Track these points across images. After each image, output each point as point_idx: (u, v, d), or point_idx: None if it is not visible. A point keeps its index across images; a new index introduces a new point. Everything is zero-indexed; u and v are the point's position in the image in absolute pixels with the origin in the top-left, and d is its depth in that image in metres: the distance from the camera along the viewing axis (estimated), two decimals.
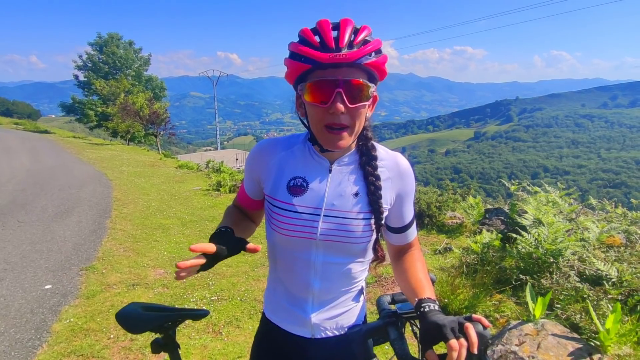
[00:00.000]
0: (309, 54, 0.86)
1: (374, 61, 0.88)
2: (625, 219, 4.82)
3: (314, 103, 0.90)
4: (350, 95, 0.88)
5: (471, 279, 3.30)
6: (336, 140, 0.93)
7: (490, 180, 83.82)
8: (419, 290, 0.96)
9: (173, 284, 3.90)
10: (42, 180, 9.13)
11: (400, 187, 1.06)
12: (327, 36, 0.86)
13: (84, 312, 3.29)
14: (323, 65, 0.86)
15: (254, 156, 1.10)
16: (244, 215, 1.20)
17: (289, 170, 1.04)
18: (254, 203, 1.16)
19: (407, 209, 1.09)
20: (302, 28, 0.90)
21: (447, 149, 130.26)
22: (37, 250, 4.66)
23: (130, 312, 1.12)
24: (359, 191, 1.02)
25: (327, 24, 0.88)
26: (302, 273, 1.05)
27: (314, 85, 0.89)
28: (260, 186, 1.11)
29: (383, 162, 1.05)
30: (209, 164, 13.84)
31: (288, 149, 1.06)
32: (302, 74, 0.91)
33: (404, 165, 1.07)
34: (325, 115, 0.90)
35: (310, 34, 0.89)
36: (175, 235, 5.66)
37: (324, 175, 1.03)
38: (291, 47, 0.91)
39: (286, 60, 0.93)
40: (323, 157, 1.03)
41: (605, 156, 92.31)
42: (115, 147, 21.29)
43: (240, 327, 3.13)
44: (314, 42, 0.87)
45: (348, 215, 1.00)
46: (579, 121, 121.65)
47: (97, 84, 28.49)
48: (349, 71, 0.87)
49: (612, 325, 2.28)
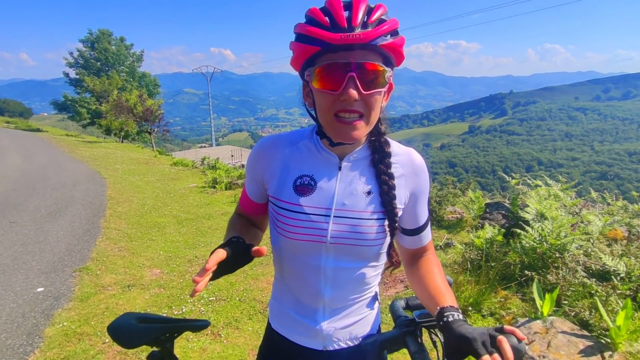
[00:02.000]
0: (318, 35, 0.76)
1: (390, 42, 0.78)
2: (627, 211, 4.79)
3: (324, 89, 0.80)
4: (364, 81, 0.78)
5: (475, 276, 3.23)
6: (349, 130, 0.82)
7: (485, 174, 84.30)
8: (439, 298, 0.87)
9: (170, 285, 3.81)
10: (34, 180, 8.95)
11: (415, 185, 0.98)
12: (339, 15, 0.76)
13: (77, 315, 3.19)
14: (334, 47, 0.76)
15: (255, 155, 1.00)
16: (249, 223, 1.11)
17: (295, 168, 0.95)
18: (258, 208, 1.07)
19: (421, 209, 1.01)
20: (310, 8, 0.80)
21: (442, 143, 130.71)
22: (29, 252, 4.54)
23: (124, 324, 1.02)
24: (371, 190, 0.93)
25: (338, 2, 0.78)
26: (311, 280, 0.97)
27: (324, 69, 0.79)
28: (264, 188, 1.01)
29: (396, 157, 0.96)
30: (204, 160, 13.69)
31: (293, 145, 0.97)
32: (310, 57, 0.81)
33: (419, 161, 0.98)
34: (336, 102, 0.80)
35: (319, 13, 0.78)
36: (171, 234, 5.55)
37: (333, 173, 0.93)
38: (297, 28, 0.81)
39: (292, 44, 0.83)
40: (332, 152, 0.93)
41: (599, 148, 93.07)
42: (108, 145, 21.02)
43: (239, 328, 3.04)
44: (323, 22, 0.77)
45: (360, 216, 0.91)
46: (573, 114, 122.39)
47: (89, 80, 28.12)
48: (362, 54, 0.77)
49: (623, 322, 2.23)
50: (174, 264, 4.36)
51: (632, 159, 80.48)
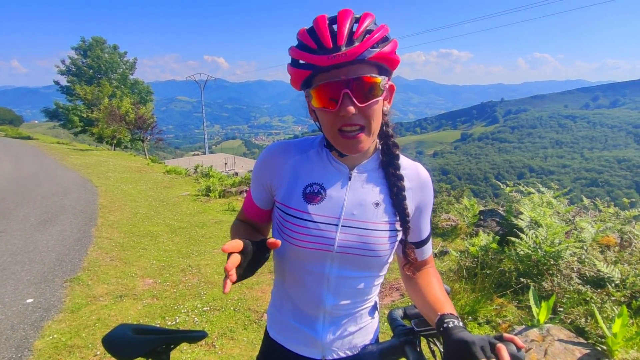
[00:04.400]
0: (307, 59, 0.80)
1: (379, 52, 0.79)
2: (618, 218, 4.83)
3: (322, 108, 0.83)
4: (359, 94, 0.79)
5: (471, 283, 3.23)
6: (354, 144, 0.85)
7: (478, 181, 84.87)
8: (438, 307, 0.88)
9: (163, 295, 3.75)
10: (24, 188, 8.82)
11: (421, 199, 0.99)
12: (324, 36, 0.78)
13: (68, 327, 3.12)
14: (324, 69, 0.78)
15: (264, 161, 1.00)
16: (253, 229, 1.09)
17: (305, 175, 0.95)
18: (263, 214, 1.06)
19: (424, 223, 1.03)
20: (300, 30, 0.83)
21: (435, 150, 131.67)
22: (18, 262, 4.45)
23: (119, 335, 1.01)
24: (381, 200, 0.94)
25: (323, 20, 0.80)
26: (313, 288, 0.96)
27: (319, 89, 0.81)
28: (271, 194, 1.01)
29: (404, 171, 0.97)
30: (198, 168, 13.63)
31: (303, 153, 0.98)
32: (306, 79, 0.84)
33: (425, 175, 1.01)
34: (336, 119, 0.82)
35: (306, 36, 0.81)
36: (165, 243, 5.48)
37: (344, 183, 0.94)
38: (290, 52, 0.84)
39: (288, 66, 0.86)
40: (342, 162, 0.95)
41: (589, 156, 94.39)
42: (100, 153, 20.84)
43: (234, 338, 3.00)
44: (311, 45, 0.80)
45: (369, 227, 0.92)
46: (563, 122, 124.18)
47: (79, 89, 27.89)
48: (354, 69, 0.79)
49: (620, 329, 2.23)
50: (167, 274, 4.30)
51: (621, 166, 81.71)
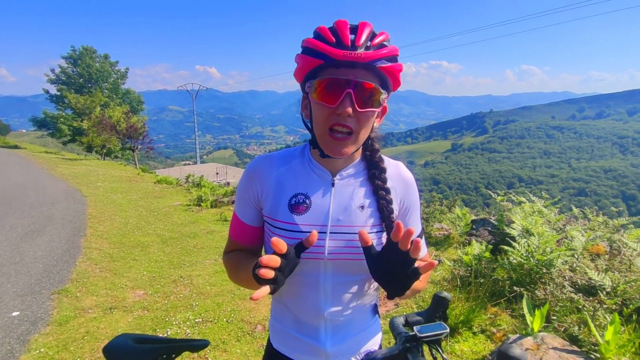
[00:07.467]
0: (323, 49, 0.81)
1: (389, 66, 0.84)
2: (607, 227, 4.90)
3: (322, 102, 0.84)
4: (360, 99, 0.83)
5: (465, 292, 3.24)
6: (339, 147, 0.87)
7: (468, 191, 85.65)
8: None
9: (154, 307, 3.68)
10: (11, 198, 8.65)
11: (405, 197, 1.01)
12: (344, 34, 0.82)
13: (55, 340, 3.04)
14: (336, 63, 0.81)
15: (249, 176, 1.00)
16: (249, 254, 1.05)
17: (290, 187, 0.96)
18: (255, 233, 1.04)
19: (414, 222, 1.03)
20: (319, 25, 0.87)
21: (426, 160, 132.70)
22: (4, 273, 4.34)
23: (120, 345, 1.00)
24: (365, 204, 0.95)
25: (344, 24, 0.84)
26: (310, 297, 0.96)
27: (324, 83, 0.83)
28: (259, 208, 1.00)
29: (387, 170, 1.00)
30: (189, 178, 13.53)
31: (286, 164, 0.99)
32: (313, 70, 0.85)
33: (407, 174, 1.03)
34: (331, 116, 0.84)
35: (327, 31, 0.84)
36: (155, 253, 5.40)
37: (327, 190, 0.95)
38: (304, 42, 0.86)
39: (298, 56, 0.88)
40: (325, 169, 0.96)
41: (576, 165, 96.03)
42: (90, 162, 20.59)
43: (227, 351, 2.95)
44: (329, 39, 0.82)
45: (355, 231, 0.92)
46: (550, 132, 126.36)
47: (71, 97, 27.69)
48: (362, 73, 0.82)
49: (612, 337, 2.25)
50: (158, 285, 4.23)
51: (607, 176, 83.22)
